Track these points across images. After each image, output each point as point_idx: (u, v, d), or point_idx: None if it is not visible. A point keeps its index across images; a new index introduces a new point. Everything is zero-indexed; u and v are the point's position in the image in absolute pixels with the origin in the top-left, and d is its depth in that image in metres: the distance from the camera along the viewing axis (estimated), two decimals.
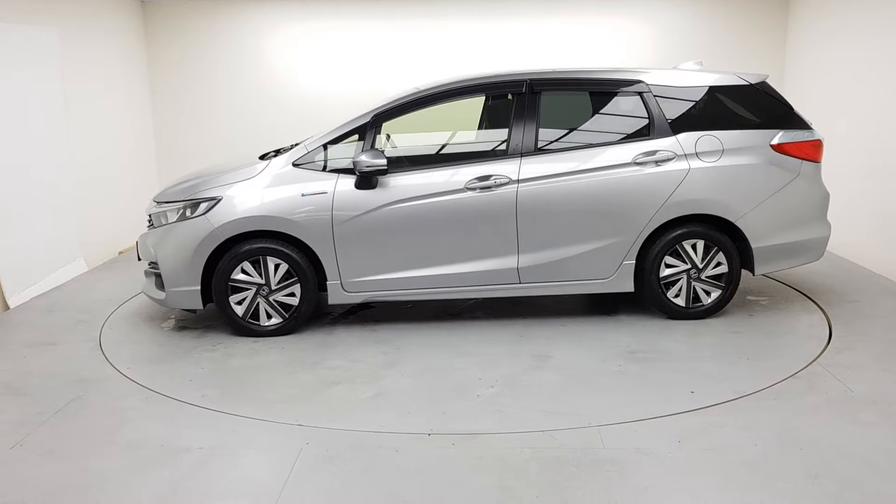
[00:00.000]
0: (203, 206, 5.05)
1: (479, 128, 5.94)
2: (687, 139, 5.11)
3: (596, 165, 5.07)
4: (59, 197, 6.92)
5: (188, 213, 5.08)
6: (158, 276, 5.19)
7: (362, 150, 5.02)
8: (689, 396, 3.99)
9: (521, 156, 5.09)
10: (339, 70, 8.92)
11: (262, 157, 5.40)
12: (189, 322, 5.55)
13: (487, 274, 5.11)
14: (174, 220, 5.12)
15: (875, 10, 6.64)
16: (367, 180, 5.00)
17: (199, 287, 5.06)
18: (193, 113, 9.16)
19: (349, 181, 5.02)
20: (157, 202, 5.32)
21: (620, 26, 8.69)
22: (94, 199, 7.59)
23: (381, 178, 5.03)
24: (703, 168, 5.07)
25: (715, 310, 5.28)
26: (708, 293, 5.25)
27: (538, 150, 5.11)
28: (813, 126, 5.34)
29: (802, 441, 3.48)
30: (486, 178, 5.02)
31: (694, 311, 5.26)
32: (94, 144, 7.72)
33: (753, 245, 5.14)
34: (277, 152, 5.49)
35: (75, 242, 7.14)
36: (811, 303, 5.65)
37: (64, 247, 6.96)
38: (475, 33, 8.76)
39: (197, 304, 5.11)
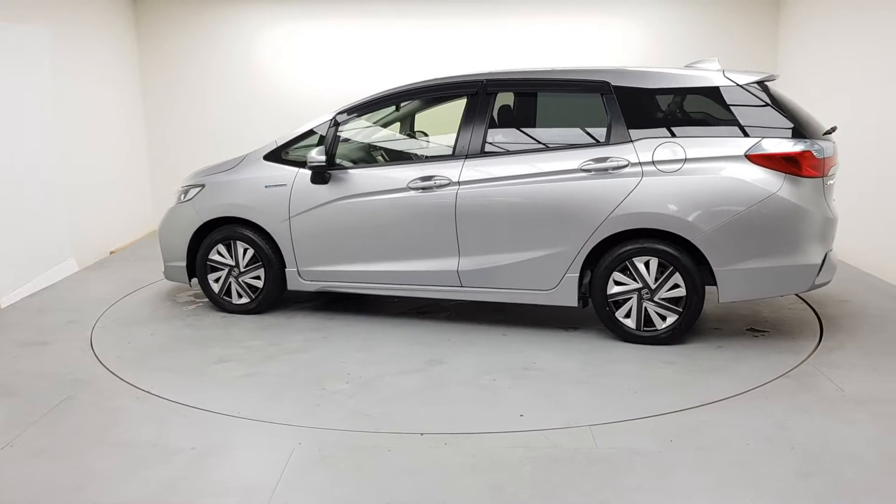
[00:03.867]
0: (192, 191, 5.70)
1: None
2: (645, 146, 4.64)
3: (539, 171, 4.81)
4: (50, 196, 6.89)
5: (182, 197, 5.74)
6: None
7: (315, 148, 5.28)
8: (516, 419, 3.78)
9: (466, 158, 4.98)
10: (329, 69, 8.93)
11: None
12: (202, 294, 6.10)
13: (429, 274, 5.11)
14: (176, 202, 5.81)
15: (867, 10, 6.68)
16: (319, 175, 5.24)
17: (184, 263, 5.69)
18: (185, 111, 9.14)
19: (307, 175, 5.29)
20: (181, 186, 5.93)
21: (614, 27, 8.72)
22: (85, 199, 7.57)
23: (335, 174, 5.25)
24: (659, 178, 4.58)
25: (674, 336, 4.73)
26: (663, 317, 4.73)
27: (484, 153, 4.96)
28: (828, 136, 4.77)
29: (793, 440, 3.49)
30: (429, 178, 5.01)
31: (647, 336, 4.77)
32: (86, 143, 7.69)
33: (716, 268, 4.55)
34: None
35: (66, 242, 7.11)
36: (802, 302, 5.68)
37: (55, 246, 6.93)
38: (468, 33, 8.77)
39: (184, 278, 5.75)
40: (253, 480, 3.22)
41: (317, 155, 5.14)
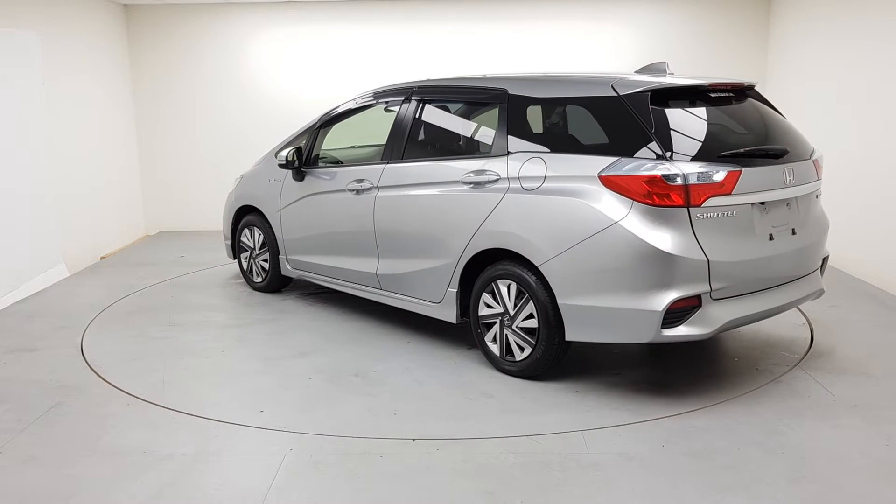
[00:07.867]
0: (238, 180, 6.52)
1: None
2: (516, 160, 4.29)
3: (431, 180, 4.70)
4: (40, 201, 6.86)
5: (235, 184, 6.56)
6: None
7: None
8: (256, 414, 3.91)
9: (388, 163, 5.01)
10: (318, 74, 8.93)
11: None
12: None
13: (357, 273, 5.32)
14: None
15: (859, 13, 6.72)
16: (298, 173, 5.69)
17: (230, 242, 6.58)
18: (175, 116, 9.12)
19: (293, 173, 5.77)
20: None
21: (605, 31, 8.74)
22: (75, 204, 7.53)
23: (309, 171, 5.66)
24: (518, 196, 4.21)
25: (531, 369, 4.25)
26: (521, 348, 4.29)
27: (401, 159, 4.95)
28: (743, 159, 3.92)
29: (785, 444, 3.51)
30: (361, 180, 5.16)
31: (507, 366, 4.37)
32: (76, 148, 7.66)
33: (560, 300, 4.02)
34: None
35: (56, 247, 7.07)
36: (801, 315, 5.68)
37: (45, 252, 6.89)
38: (458, 39, 8.78)
39: (230, 255, 6.64)
40: (244, 487, 3.20)
41: (283, 154, 5.62)
